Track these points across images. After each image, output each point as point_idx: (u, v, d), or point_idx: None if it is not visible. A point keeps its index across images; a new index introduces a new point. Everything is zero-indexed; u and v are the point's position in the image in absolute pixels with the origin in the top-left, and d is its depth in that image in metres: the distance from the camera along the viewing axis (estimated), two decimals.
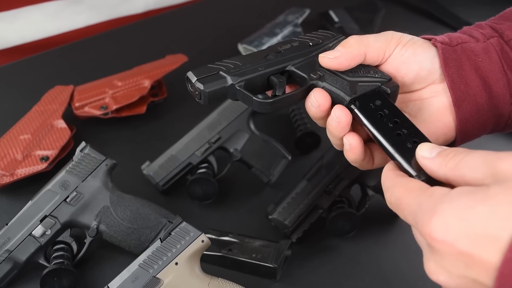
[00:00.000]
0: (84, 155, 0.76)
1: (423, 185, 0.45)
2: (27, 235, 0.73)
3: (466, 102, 0.57)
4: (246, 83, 0.55)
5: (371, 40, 0.57)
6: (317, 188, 0.77)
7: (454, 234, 0.39)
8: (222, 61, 0.58)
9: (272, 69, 0.57)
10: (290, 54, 0.59)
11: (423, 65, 0.57)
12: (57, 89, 0.98)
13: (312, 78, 0.56)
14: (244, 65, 0.56)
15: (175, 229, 0.66)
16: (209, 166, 0.85)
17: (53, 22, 1.29)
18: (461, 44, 0.58)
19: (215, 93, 0.54)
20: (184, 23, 1.31)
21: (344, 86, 0.55)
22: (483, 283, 0.39)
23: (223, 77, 0.55)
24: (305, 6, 1.25)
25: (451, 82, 0.57)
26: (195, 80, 0.54)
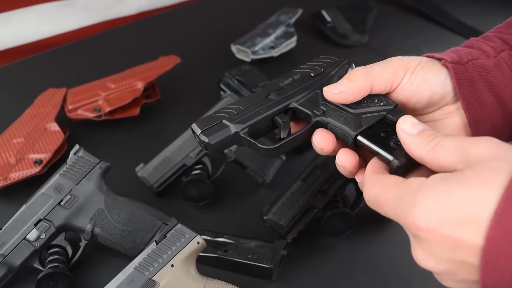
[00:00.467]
0: (78, 158, 0.75)
1: (398, 179, 0.46)
2: (22, 239, 0.72)
3: (482, 122, 0.55)
4: (250, 129, 0.55)
5: (378, 71, 0.55)
6: (312, 188, 0.77)
7: (437, 220, 0.41)
8: (225, 107, 0.57)
9: (274, 110, 0.56)
10: (292, 90, 0.58)
11: (435, 91, 0.55)
12: (50, 92, 0.98)
13: (316, 114, 0.55)
14: (246, 109, 0.56)
15: (171, 231, 0.65)
16: (203, 167, 0.85)
17: (46, 24, 1.28)
18: (472, 61, 0.56)
19: (220, 144, 0.55)
20: (177, 24, 1.31)
21: (349, 120, 0.54)
22: (469, 263, 0.40)
23: (226, 126, 0.55)
24: (298, 6, 1.25)
25: (466, 103, 0.55)
26: (199, 133, 0.55)
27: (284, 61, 1.13)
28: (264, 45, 1.12)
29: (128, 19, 1.38)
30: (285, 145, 0.55)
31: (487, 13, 1.35)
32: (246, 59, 1.12)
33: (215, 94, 1.03)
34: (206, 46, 1.21)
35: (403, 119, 0.48)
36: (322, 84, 0.58)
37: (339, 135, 0.55)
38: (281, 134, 0.56)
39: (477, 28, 1.28)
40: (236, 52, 1.14)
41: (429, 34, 1.28)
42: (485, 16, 1.34)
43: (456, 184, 0.41)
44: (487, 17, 1.33)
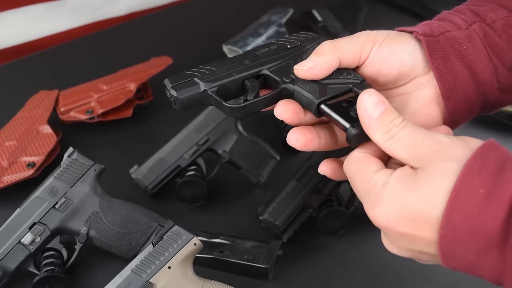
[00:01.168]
0: (72, 160, 0.75)
1: (371, 169, 0.49)
2: (16, 243, 0.72)
3: (455, 93, 0.56)
4: (219, 88, 0.55)
5: (345, 45, 0.55)
6: (306, 187, 0.78)
7: (394, 220, 0.46)
8: (199, 67, 0.58)
9: (246, 73, 0.57)
10: (266, 58, 0.58)
11: (404, 62, 0.56)
12: (42, 94, 0.97)
13: (284, 81, 0.56)
14: (219, 71, 0.56)
15: (167, 233, 0.65)
16: (198, 168, 0.85)
17: (35, 25, 1.27)
18: (443, 34, 0.56)
19: (188, 99, 0.55)
20: (168, 25, 1.30)
21: (314, 89, 0.54)
22: (428, 252, 0.46)
23: (197, 83, 0.55)
24: (289, 5, 1.25)
25: (438, 74, 0.56)
26: (170, 87, 0.55)
27: None
28: (255, 45, 1.12)
29: (118, 20, 1.37)
30: (250, 106, 0.55)
31: None
32: None
33: None
34: (197, 47, 1.21)
35: (367, 96, 0.49)
36: (297, 55, 0.58)
37: (304, 103, 0.55)
38: (247, 96, 0.56)
39: None
40: (228, 52, 1.14)
41: None
42: None
43: (410, 187, 0.46)
44: None
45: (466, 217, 0.42)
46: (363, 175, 0.49)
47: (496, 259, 0.42)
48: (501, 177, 0.42)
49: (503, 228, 0.41)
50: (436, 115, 0.57)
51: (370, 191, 0.48)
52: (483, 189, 0.42)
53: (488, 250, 0.42)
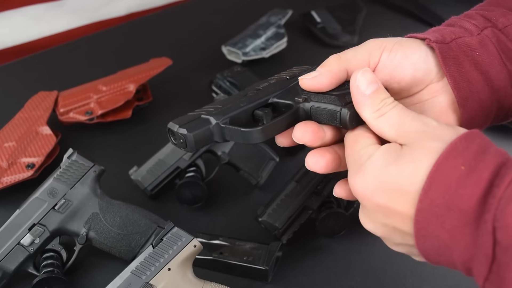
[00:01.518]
0: (72, 162, 0.75)
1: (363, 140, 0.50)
2: (16, 244, 0.72)
3: (470, 100, 0.55)
4: (230, 120, 0.52)
5: (351, 55, 0.55)
6: (306, 189, 0.78)
7: (371, 190, 0.47)
8: (202, 108, 0.55)
9: (254, 103, 0.54)
10: (270, 88, 0.56)
11: (418, 66, 0.55)
12: (41, 95, 0.97)
13: (297, 101, 0.53)
14: (224, 106, 0.53)
15: (167, 234, 0.65)
16: (197, 169, 0.85)
17: (34, 26, 1.27)
18: (455, 40, 0.55)
19: (200, 137, 0.51)
20: (167, 26, 1.30)
21: (333, 99, 0.52)
22: (402, 230, 0.47)
23: (206, 119, 0.52)
24: (288, 7, 1.25)
25: (453, 81, 0.54)
26: (177, 128, 0.51)
27: (275, 62, 1.14)
28: (255, 46, 1.12)
29: (117, 21, 1.37)
30: (269, 128, 0.52)
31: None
32: (237, 61, 1.12)
33: (206, 96, 1.03)
34: (196, 48, 1.21)
35: (361, 74, 0.50)
36: (297, 84, 0.56)
37: (325, 116, 0.52)
38: (264, 121, 0.53)
39: None
40: (227, 54, 1.14)
41: None
42: None
43: (393, 161, 0.46)
44: None
45: (444, 191, 0.43)
46: (355, 146, 0.50)
47: (469, 239, 0.42)
48: (483, 158, 0.43)
49: (478, 205, 0.42)
50: (453, 123, 0.56)
51: (357, 161, 0.49)
52: (464, 166, 0.43)
53: (462, 228, 0.42)
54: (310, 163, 0.54)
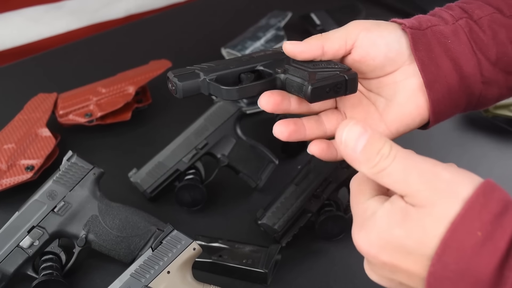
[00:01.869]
0: (71, 164, 0.75)
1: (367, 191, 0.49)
2: (15, 246, 0.72)
3: (438, 83, 0.58)
4: (217, 78, 0.59)
5: (331, 33, 0.59)
6: (305, 192, 0.78)
7: (376, 248, 0.45)
8: (200, 64, 0.61)
9: (242, 67, 0.60)
10: (262, 57, 0.62)
11: (391, 46, 0.58)
12: (41, 97, 0.97)
13: (277, 72, 0.59)
14: (217, 66, 0.60)
15: (166, 237, 0.65)
16: (196, 172, 0.85)
17: (33, 27, 1.27)
18: (430, 28, 0.59)
19: (188, 86, 0.59)
20: (166, 28, 1.30)
21: (304, 75, 0.57)
22: (409, 285, 0.46)
23: (197, 74, 0.59)
24: (287, 9, 1.26)
25: (421, 64, 0.58)
26: (172, 76, 0.59)
27: None
28: (254, 49, 1.12)
29: (116, 23, 1.37)
30: (245, 89, 0.58)
31: None
32: None
33: (206, 98, 1.02)
34: (196, 50, 1.21)
35: (347, 131, 0.46)
36: (289, 58, 0.61)
37: (295, 89, 0.58)
38: (243, 84, 0.60)
39: None
40: (227, 56, 1.14)
41: None
42: None
43: (398, 223, 0.44)
44: None
45: (458, 257, 0.41)
46: (359, 196, 0.49)
47: None
48: (501, 222, 0.41)
49: (494, 275, 0.40)
50: (422, 104, 0.59)
51: (360, 215, 0.48)
52: (481, 232, 0.41)
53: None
54: (276, 131, 0.58)
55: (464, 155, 0.93)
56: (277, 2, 1.34)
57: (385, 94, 0.61)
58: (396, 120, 0.60)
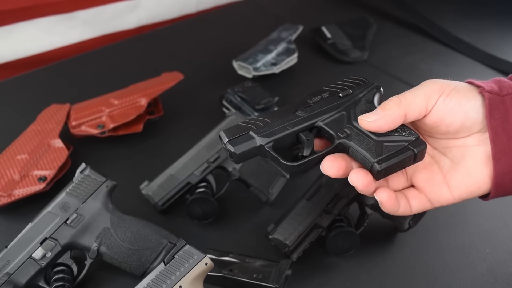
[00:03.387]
0: (84, 176, 0.75)
1: None
2: (27, 257, 0.72)
3: (506, 156, 0.56)
4: (275, 143, 0.57)
5: (410, 98, 0.56)
6: (317, 207, 0.78)
7: None
8: (252, 118, 0.59)
9: (300, 127, 0.58)
10: (319, 108, 0.59)
11: (469, 115, 0.56)
12: (53, 108, 0.98)
13: (339, 136, 0.57)
14: (273, 123, 0.58)
15: (179, 252, 0.66)
16: (207, 185, 0.86)
17: (46, 37, 1.28)
18: (511, 94, 0.56)
19: (245, 154, 0.57)
20: (178, 40, 1.31)
21: (370, 147, 0.55)
22: None
23: (252, 138, 0.57)
24: (298, 22, 1.26)
25: (493, 134, 0.56)
26: (226, 142, 0.57)
27: (286, 77, 1.14)
28: (265, 62, 1.13)
29: (128, 33, 1.38)
30: (307, 163, 0.57)
31: (483, 29, 1.37)
32: (248, 76, 1.12)
33: (217, 111, 1.04)
34: (207, 62, 1.21)
35: None
36: (350, 106, 0.59)
37: (360, 160, 0.56)
38: (304, 151, 0.57)
39: (474, 45, 1.29)
40: (238, 69, 1.14)
41: (427, 51, 1.30)
42: (482, 32, 1.36)
43: None
44: (483, 33, 1.36)
45: None
46: None
47: None
48: None
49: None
50: (485, 175, 0.57)
51: None
52: None
53: None
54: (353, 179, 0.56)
55: None
56: (289, 15, 1.35)
57: (452, 156, 0.59)
58: (462, 186, 0.58)
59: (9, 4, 1.17)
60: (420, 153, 0.56)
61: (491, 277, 0.78)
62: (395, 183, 0.59)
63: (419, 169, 0.60)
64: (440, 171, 0.59)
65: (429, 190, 0.59)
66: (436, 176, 0.59)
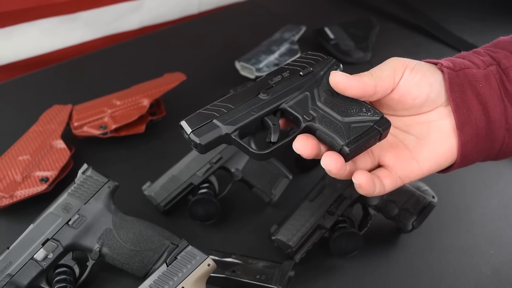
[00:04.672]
0: (86, 177, 0.75)
1: None
2: (29, 259, 0.72)
3: (468, 126, 0.59)
4: (240, 129, 0.55)
5: (379, 72, 0.58)
6: (320, 208, 0.77)
7: None
8: (214, 104, 0.57)
9: (265, 111, 0.57)
10: (282, 90, 0.58)
11: (433, 87, 0.59)
12: (56, 109, 0.98)
13: (305, 119, 0.56)
14: (236, 109, 0.56)
15: (181, 253, 0.65)
16: (210, 186, 0.85)
17: (48, 38, 1.28)
18: (463, 70, 0.60)
19: (210, 144, 0.55)
20: (180, 40, 1.31)
21: (338, 129, 0.55)
22: None
23: (217, 126, 0.55)
24: (301, 23, 1.26)
25: (455, 106, 0.59)
26: (190, 132, 0.54)
27: None
28: (268, 62, 1.12)
29: (130, 34, 1.38)
30: (276, 150, 0.56)
31: (487, 30, 1.37)
32: (251, 76, 1.12)
33: None
34: (209, 63, 1.21)
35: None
36: (312, 85, 0.59)
37: (328, 142, 0.56)
38: (271, 137, 0.56)
39: (477, 45, 1.29)
40: (240, 69, 1.14)
41: (430, 51, 1.29)
42: (485, 33, 1.35)
43: None
44: (487, 34, 1.34)
45: None
46: None
47: None
48: None
49: None
50: (451, 146, 0.60)
51: None
52: None
53: None
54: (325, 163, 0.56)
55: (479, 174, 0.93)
56: (291, 16, 1.35)
57: (416, 133, 0.61)
58: (430, 160, 0.60)
59: (11, 5, 1.17)
60: (385, 132, 0.57)
61: (495, 278, 0.77)
62: (362, 163, 0.60)
63: (385, 148, 0.61)
64: (406, 148, 0.61)
65: (400, 167, 0.61)
66: (403, 153, 0.61)
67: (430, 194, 0.80)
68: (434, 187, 0.81)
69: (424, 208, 0.79)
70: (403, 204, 0.78)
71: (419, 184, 0.80)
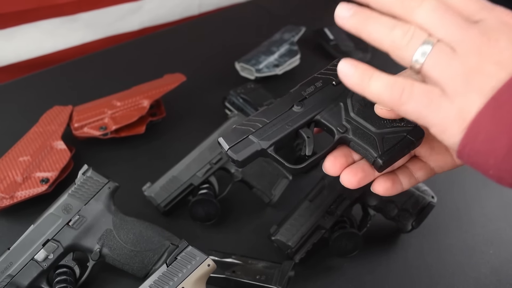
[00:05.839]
0: (87, 178, 0.75)
1: None
2: (30, 259, 0.72)
3: None
4: (276, 144, 0.56)
5: None
6: (319, 208, 0.78)
7: None
8: (249, 119, 0.58)
9: (299, 124, 0.58)
10: (315, 101, 0.58)
11: None
12: (56, 110, 0.98)
13: (339, 132, 0.57)
14: (271, 123, 0.57)
15: (181, 253, 0.66)
16: (210, 186, 0.85)
17: (49, 39, 1.28)
18: None
19: (248, 159, 0.56)
20: (180, 41, 1.31)
21: (372, 140, 0.55)
22: None
23: (253, 142, 0.56)
24: (301, 24, 1.26)
25: None
26: (227, 149, 0.56)
27: (288, 79, 1.14)
28: (268, 63, 1.13)
29: (131, 35, 1.38)
30: (311, 164, 0.57)
31: None
32: (250, 77, 1.12)
33: (220, 112, 1.04)
34: (210, 64, 1.21)
35: None
36: (346, 95, 0.58)
37: (361, 153, 0.56)
38: (306, 150, 0.57)
39: None
40: (240, 70, 1.14)
41: None
42: None
43: None
44: None
45: None
46: None
47: None
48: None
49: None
50: None
51: None
52: None
53: None
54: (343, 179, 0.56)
55: None
56: (291, 16, 1.35)
57: None
58: None
59: (12, 6, 1.17)
60: (418, 142, 0.56)
61: (495, 278, 0.77)
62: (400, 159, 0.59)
63: None
64: None
65: (434, 158, 0.59)
66: (439, 144, 0.59)
67: (430, 194, 0.80)
68: (434, 187, 0.81)
69: (423, 208, 0.79)
70: (402, 204, 0.78)
71: (419, 184, 0.80)
